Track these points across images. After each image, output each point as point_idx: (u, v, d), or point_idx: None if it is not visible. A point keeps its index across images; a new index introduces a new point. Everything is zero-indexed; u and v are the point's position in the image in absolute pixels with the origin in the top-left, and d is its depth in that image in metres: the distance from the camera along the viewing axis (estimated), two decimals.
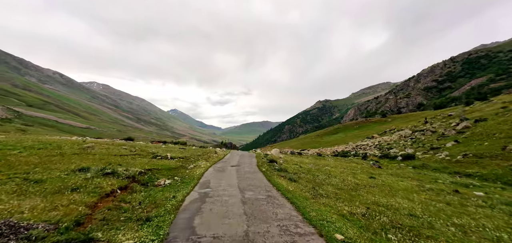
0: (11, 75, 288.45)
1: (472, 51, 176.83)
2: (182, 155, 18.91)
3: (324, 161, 22.76)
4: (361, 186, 11.20)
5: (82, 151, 15.13)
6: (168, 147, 24.30)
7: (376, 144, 30.69)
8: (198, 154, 20.93)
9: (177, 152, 20.08)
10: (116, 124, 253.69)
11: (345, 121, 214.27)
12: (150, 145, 24.88)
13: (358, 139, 57.42)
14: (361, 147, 33.67)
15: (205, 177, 11.32)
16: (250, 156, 23.24)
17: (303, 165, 17.66)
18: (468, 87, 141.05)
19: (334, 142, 65.81)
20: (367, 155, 27.20)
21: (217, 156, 21.60)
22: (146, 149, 19.42)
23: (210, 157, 20.65)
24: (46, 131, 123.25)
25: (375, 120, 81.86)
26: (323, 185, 10.90)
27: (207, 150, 26.36)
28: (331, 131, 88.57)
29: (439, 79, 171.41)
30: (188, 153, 20.60)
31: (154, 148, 21.48)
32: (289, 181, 11.42)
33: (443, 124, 28.56)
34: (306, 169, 15.63)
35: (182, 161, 15.94)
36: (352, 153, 31.34)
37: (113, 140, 28.71)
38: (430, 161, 19.48)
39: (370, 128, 69.65)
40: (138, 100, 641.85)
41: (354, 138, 62.20)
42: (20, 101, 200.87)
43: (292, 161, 20.66)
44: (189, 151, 22.62)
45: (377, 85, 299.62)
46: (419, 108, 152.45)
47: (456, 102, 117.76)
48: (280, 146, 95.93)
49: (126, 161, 12.95)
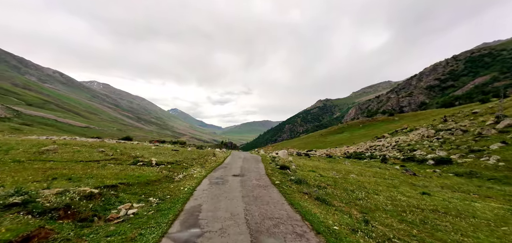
0: (11, 74, 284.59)
1: (474, 50, 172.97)
2: (172, 159, 15.14)
3: (342, 166, 18.98)
4: (426, 211, 7.43)
5: (37, 155, 11.38)
6: (159, 148, 20.53)
7: (393, 145, 27.02)
8: (192, 158, 17.15)
9: (167, 156, 16.29)
10: (116, 123, 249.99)
11: (346, 120, 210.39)
12: (138, 146, 21.09)
13: (366, 139, 53.68)
14: (376, 148, 29.94)
15: (196, 198, 7.53)
16: (255, 159, 19.48)
17: (324, 173, 13.87)
18: (471, 85, 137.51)
19: (339, 142, 62.07)
20: (386, 158, 23.47)
21: (216, 160, 17.82)
22: (129, 152, 15.66)
23: (207, 161, 16.87)
24: (45, 131, 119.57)
25: (382, 119, 78.13)
26: (373, 211, 7.13)
27: (204, 152, 22.57)
28: (336, 130, 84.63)
29: (441, 78, 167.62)
30: (181, 157, 16.83)
31: (140, 150, 17.73)
32: (319, 202, 7.67)
33: (474, 123, 24.78)
34: (331, 180, 11.83)
35: (169, 169, 12.12)
36: (366, 155, 27.62)
37: (94, 140, 24.91)
38: (479, 168, 15.67)
39: (377, 127, 65.83)
40: (139, 100, 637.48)
41: (361, 138, 58.46)
42: (20, 100, 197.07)
43: (306, 166, 16.92)
44: (183, 153, 18.81)
45: (378, 84, 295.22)
46: (421, 107, 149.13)
47: (460, 101, 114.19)
48: (282, 145, 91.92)
49: (90, 172, 9.22)
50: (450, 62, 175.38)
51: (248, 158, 19.86)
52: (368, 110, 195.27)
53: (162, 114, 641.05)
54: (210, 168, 13.63)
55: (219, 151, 28.56)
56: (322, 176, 12.94)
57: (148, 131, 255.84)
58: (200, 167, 14.32)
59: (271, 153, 27.86)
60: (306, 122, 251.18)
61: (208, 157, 18.84)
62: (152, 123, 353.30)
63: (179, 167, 12.91)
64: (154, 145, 24.23)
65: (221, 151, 31.13)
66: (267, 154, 27.93)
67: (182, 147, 26.36)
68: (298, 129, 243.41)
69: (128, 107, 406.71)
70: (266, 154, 27.83)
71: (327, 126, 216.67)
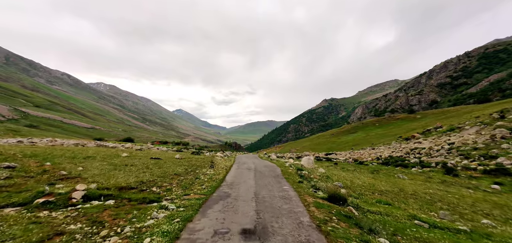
0: (20, 76, 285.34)
1: (489, 46, 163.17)
2: (135, 179, 8.47)
3: (407, 185, 12.01)
4: None
5: None
6: (132, 157, 13.93)
7: (447, 149, 20.00)
8: (175, 174, 10.44)
9: (132, 172, 9.64)
10: (121, 124, 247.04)
11: (353, 120, 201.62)
12: (102, 149, 14.55)
13: (387, 139, 46.23)
14: (421, 151, 22.81)
15: None
16: (273, 172, 12.76)
17: (413, 209, 7.09)
18: (486, 83, 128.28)
19: (354, 143, 54.74)
20: (450, 167, 16.40)
21: (212, 176, 11.06)
22: (60, 166, 9.11)
23: (196, 181, 10.09)
24: (50, 132, 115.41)
25: (401, 116, 70.23)
26: None
27: (199, 160, 15.88)
28: (348, 129, 77.02)
29: (453, 75, 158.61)
30: (157, 172, 10.20)
31: (98, 161, 11.17)
32: None
33: None
34: None
35: (93, 218, 5.40)
36: (412, 161, 20.59)
37: (25, 145, 18.50)
38: None
39: (396, 126, 58.33)
40: (144, 100, 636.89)
41: (379, 138, 51.00)
42: (28, 102, 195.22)
43: (357, 186, 10.05)
44: (163, 165, 12.14)
45: (385, 83, 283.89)
46: (432, 105, 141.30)
47: (475, 99, 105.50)
48: (289, 146, 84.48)
49: None
50: (462, 58, 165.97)
51: (263, 171, 13.02)
52: (376, 109, 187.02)
53: (167, 114, 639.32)
54: (193, 205, 6.79)
55: (220, 156, 21.79)
56: (410, 223, 6.07)
57: (152, 132, 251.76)
58: (183, 191, 7.64)
59: (289, 160, 20.99)
60: (311, 122, 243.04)
61: (201, 170, 12.08)
62: (157, 123, 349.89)
63: (125, 207, 6.13)
64: (164, 145, 17.62)
65: (223, 155, 24.39)
66: (285, 160, 21.05)
67: (177, 152, 19.71)
68: (303, 129, 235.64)
69: (133, 108, 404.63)
70: (282, 160, 20.96)
71: (333, 125, 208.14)
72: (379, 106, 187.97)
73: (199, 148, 78.37)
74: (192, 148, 51.86)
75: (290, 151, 69.15)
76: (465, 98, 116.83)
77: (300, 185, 9.65)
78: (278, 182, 10.30)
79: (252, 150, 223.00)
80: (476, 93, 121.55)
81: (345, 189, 9.33)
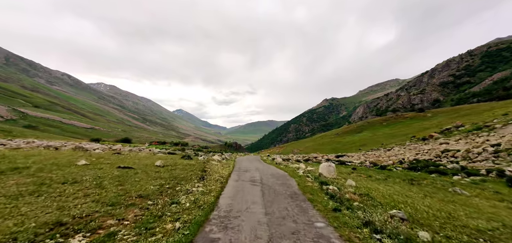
0: (20, 76, 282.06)
1: (491, 44, 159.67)
2: (70, 205, 4.78)
3: (472, 203, 8.24)
4: None
5: None
6: (95, 162, 10.15)
7: (491, 151, 16.23)
8: (141, 195, 6.63)
9: (73, 192, 5.89)
10: (121, 125, 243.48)
11: (354, 119, 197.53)
12: (61, 154, 10.71)
13: (398, 140, 42.36)
14: (456, 155, 18.92)
15: None
16: (285, 184, 8.99)
17: None
18: (489, 81, 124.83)
19: (361, 143, 50.89)
20: (506, 174, 12.69)
21: (200, 195, 7.23)
22: None
23: (176, 203, 6.26)
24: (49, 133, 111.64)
25: (409, 115, 66.09)
26: None
27: (187, 167, 12.00)
28: (354, 129, 72.89)
29: (456, 74, 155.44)
30: (114, 191, 6.41)
31: None
32: None
33: None
34: None
35: None
36: (448, 167, 16.76)
37: None
38: None
39: (405, 125, 54.40)
40: (144, 101, 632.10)
41: (388, 138, 47.11)
42: (27, 102, 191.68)
43: (427, 213, 6.26)
44: (134, 176, 8.31)
45: (386, 82, 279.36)
46: (435, 104, 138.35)
47: (479, 98, 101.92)
48: (291, 146, 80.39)
49: None
50: (464, 57, 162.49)
51: (272, 186, 9.14)
52: (377, 108, 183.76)
53: (167, 115, 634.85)
54: None
55: (217, 161, 17.89)
56: None
57: (152, 132, 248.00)
58: None
59: (299, 165, 17.08)
60: (312, 122, 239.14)
61: (185, 185, 8.20)
62: (157, 124, 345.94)
63: None
64: (162, 145, 13.75)
65: (221, 159, 20.47)
66: (294, 164, 17.17)
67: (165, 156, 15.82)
68: (304, 129, 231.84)
69: (134, 109, 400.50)
70: (291, 165, 17.09)
71: (333, 125, 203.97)
72: (381, 105, 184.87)
73: (198, 149, 74.02)
74: (190, 149, 47.88)
75: (293, 151, 65.09)
76: (468, 97, 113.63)
77: (338, 217, 5.77)
78: (301, 208, 6.43)
79: (253, 150, 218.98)
80: (479, 92, 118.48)
81: (411, 223, 5.44)
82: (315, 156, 29.50)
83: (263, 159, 26.59)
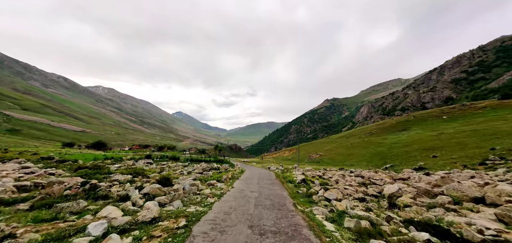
0: (12, 79, 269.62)
1: (506, 38, 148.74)
2: None
3: None
4: None
5: None
6: None
7: None
8: None
9: None
10: (117, 127, 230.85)
11: (358, 119, 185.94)
12: None
13: (497, 140, 24.43)
14: None
15: None
16: None
17: None
18: (508, 77, 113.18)
19: (424, 146, 31.82)
20: None
21: None
22: None
23: None
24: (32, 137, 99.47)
25: (486, 103, 50.73)
26: None
27: None
28: (393, 125, 57.17)
29: (468, 70, 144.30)
30: None
31: None
32: None
33: None
34: None
35: None
36: None
37: None
38: None
39: (482, 116, 40.79)
40: (143, 103, 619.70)
41: (470, 137, 29.45)
42: (15, 105, 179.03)
43: None
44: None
45: (388, 82, 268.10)
46: (447, 102, 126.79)
47: (496, 94, 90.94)
48: (305, 149, 67.34)
49: None
50: (476, 53, 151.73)
51: None
52: (383, 107, 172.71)
53: (166, 117, 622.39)
54: None
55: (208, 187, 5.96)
56: None
57: (149, 134, 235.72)
58: None
59: None
60: (313, 123, 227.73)
61: None
62: (155, 126, 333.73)
63: None
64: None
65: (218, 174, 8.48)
66: None
67: None
68: (305, 130, 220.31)
69: (132, 111, 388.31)
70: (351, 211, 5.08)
71: (336, 126, 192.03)
72: (386, 104, 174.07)
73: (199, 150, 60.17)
74: (164, 160, 34.95)
75: (309, 157, 52.35)
76: (486, 94, 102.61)
77: None
78: None
79: (253, 153, 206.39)
80: (498, 88, 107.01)
81: None
82: (367, 173, 17.66)
83: (277, 176, 14.39)
